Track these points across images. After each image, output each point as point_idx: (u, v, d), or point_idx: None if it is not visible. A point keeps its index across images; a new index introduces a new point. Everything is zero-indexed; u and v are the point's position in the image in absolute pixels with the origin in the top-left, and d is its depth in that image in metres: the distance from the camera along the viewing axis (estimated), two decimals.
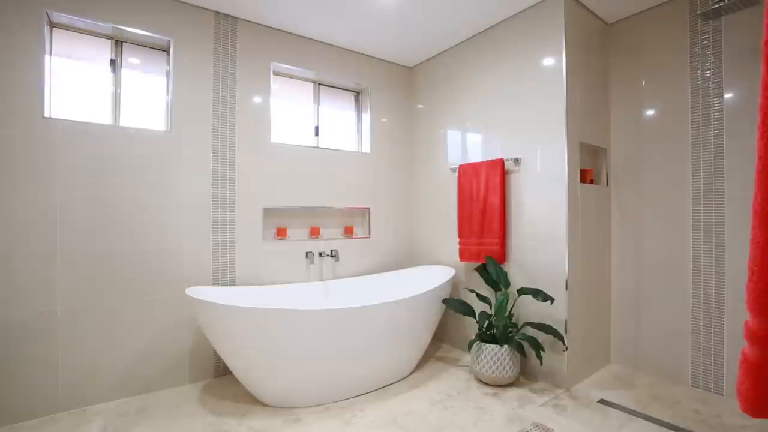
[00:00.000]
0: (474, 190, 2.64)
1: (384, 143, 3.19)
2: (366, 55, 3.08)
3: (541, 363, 2.16)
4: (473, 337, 2.34)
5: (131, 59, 2.32)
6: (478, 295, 2.46)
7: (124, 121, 2.27)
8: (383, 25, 2.62)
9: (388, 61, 3.22)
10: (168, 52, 2.35)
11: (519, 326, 2.35)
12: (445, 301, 2.49)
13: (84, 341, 2.04)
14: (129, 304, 2.15)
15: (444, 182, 3.00)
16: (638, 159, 2.44)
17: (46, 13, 1.99)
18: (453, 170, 2.88)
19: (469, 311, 2.41)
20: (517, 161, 2.44)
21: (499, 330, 2.19)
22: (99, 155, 2.08)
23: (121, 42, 2.28)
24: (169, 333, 2.26)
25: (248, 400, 2.10)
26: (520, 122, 2.45)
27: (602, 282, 2.52)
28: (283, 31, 2.68)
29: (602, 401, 2.07)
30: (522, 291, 2.26)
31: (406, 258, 3.29)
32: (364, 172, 3.07)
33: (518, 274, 2.44)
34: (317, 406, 2.03)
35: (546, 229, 2.30)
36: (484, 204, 2.57)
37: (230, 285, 2.45)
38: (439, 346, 2.96)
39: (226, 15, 2.46)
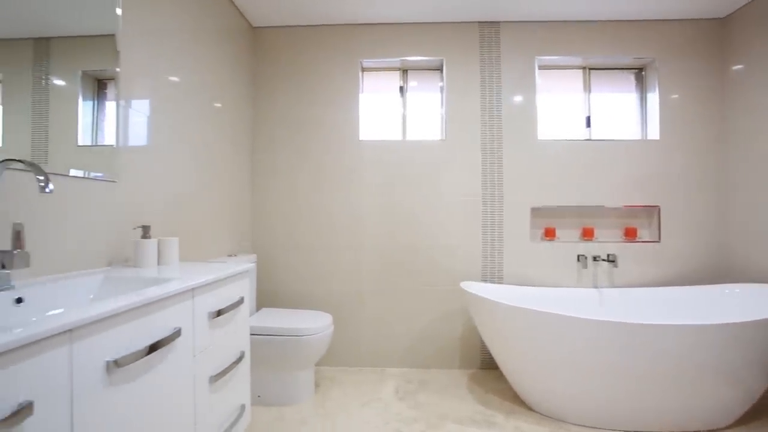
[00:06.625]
0: None
1: (678, 124, 2.54)
2: (650, 20, 2.54)
3: None
4: None
5: (411, 83, 2.76)
6: None
7: (409, 136, 2.72)
8: None
9: (685, 20, 2.54)
10: (441, 70, 2.66)
11: None
12: None
13: (382, 315, 2.57)
14: (413, 290, 2.56)
15: None
16: None
17: (360, 62, 2.62)
18: None
19: None
20: None
21: None
22: (391, 166, 2.58)
23: (406, 71, 2.74)
24: (443, 319, 2.55)
25: (513, 399, 2.11)
26: None
27: None
28: (546, 21, 2.55)
29: None
30: None
31: (713, 271, 2.50)
32: (651, 163, 2.53)
33: None
34: (590, 428, 1.83)
35: None
36: None
37: (497, 282, 2.53)
38: None
39: (489, 22, 2.56)
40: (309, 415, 1.95)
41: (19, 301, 0.91)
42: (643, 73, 2.68)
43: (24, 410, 0.59)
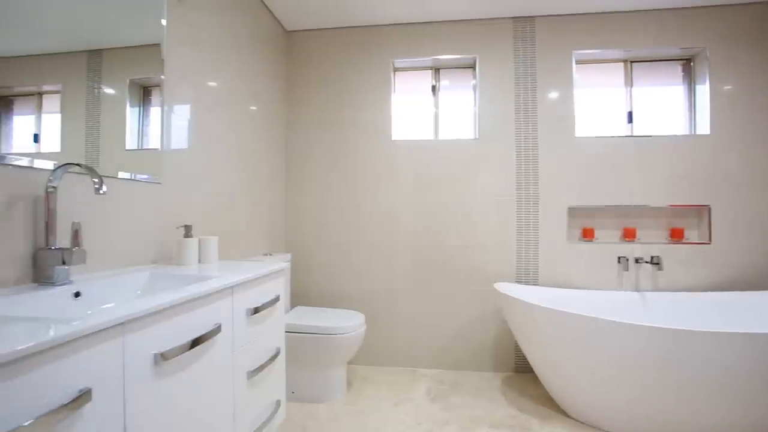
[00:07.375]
0: None
1: (731, 118, 2.37)
2: (699, 7, 2.39)
3: None
4: None
5: (443, 81, 2.73)
6: None
7: (442, 135, 2.69)
8: None
9: (738, 4, 2.37)
10: (474, 68, 2.62)
11: None
12: None
13: (414, 315, 2.56)
14: (445, 290, 2.54)
15: None
16: None
17: (392, 62, 2.63)
18: None
19: None
20: None
21: None
22: (424, 166, 2.56)
23: (438, 69, 2.72)
24: (476, 321, 2.51)
25: (548, 404, 2.05)
26: None
27: None
28: (585, 14, 2.45)
29: None
30: None
31: None
32: (700, 160, 2.38)
33: None
34: None
35: None
36: None
37: (532, 284, 2.47)
38: None
39: (524, 17, 2.50)
40: (341, 413, 1.98)
41: (77, 295, 0.97)
42: (692, 64, 2.53)
43: (84, 396, 0.64)
